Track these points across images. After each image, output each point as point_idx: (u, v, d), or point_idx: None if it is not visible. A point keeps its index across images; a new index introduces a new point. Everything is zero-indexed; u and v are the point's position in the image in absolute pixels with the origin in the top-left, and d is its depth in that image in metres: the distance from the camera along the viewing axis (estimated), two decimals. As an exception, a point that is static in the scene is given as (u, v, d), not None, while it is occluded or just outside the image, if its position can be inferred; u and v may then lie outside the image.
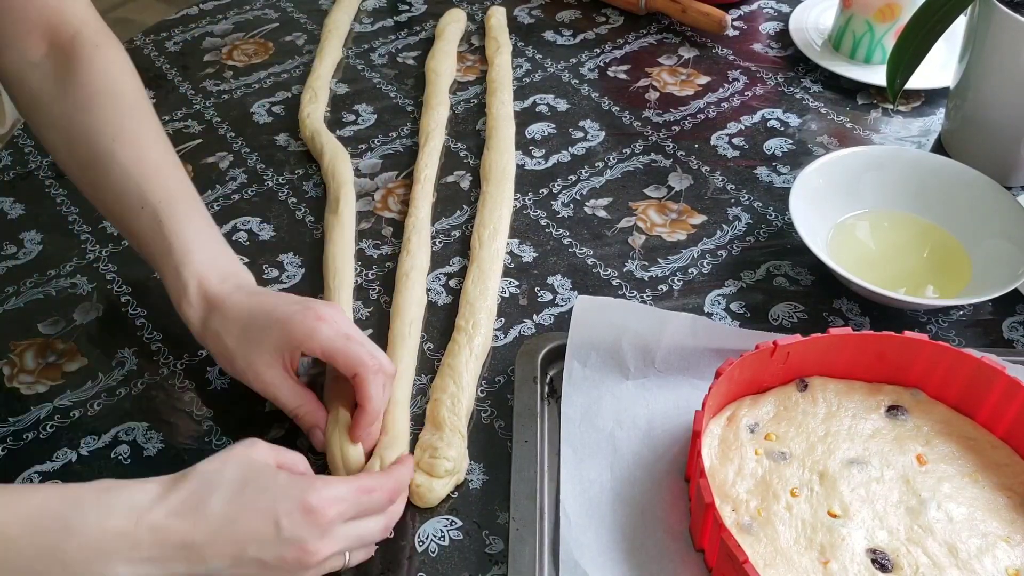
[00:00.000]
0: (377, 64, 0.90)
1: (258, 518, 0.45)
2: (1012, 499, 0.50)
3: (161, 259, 0.57)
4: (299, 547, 0.45)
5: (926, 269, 0.66)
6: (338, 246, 0.68)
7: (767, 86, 0.86)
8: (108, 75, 0.60)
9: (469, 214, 0.73)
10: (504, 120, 0.80)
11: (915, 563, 0.47)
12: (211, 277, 0.56)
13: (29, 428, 0.58)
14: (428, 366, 0.61)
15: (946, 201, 0.68)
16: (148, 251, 0.58)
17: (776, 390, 0.55)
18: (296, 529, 0.45)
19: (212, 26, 0.96)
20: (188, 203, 0.59)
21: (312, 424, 0.55)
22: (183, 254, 0.56)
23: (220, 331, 0.55)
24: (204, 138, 0.81)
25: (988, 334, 0.63)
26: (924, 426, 0.54)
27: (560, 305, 0.65)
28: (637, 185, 0.75)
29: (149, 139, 0.60)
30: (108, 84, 0.60)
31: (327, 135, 0.79)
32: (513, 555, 0.49)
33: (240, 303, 0.55)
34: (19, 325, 0.65)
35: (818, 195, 0.67)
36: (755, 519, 0.49)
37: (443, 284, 0.67)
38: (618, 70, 0.88)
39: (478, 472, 0.55)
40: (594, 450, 0.54)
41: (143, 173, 0.58)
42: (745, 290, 0.66)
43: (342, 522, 0.47)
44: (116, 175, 0.58)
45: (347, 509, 0.47)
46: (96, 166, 0.58)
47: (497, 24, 0.93)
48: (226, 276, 0.57)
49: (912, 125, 0.81)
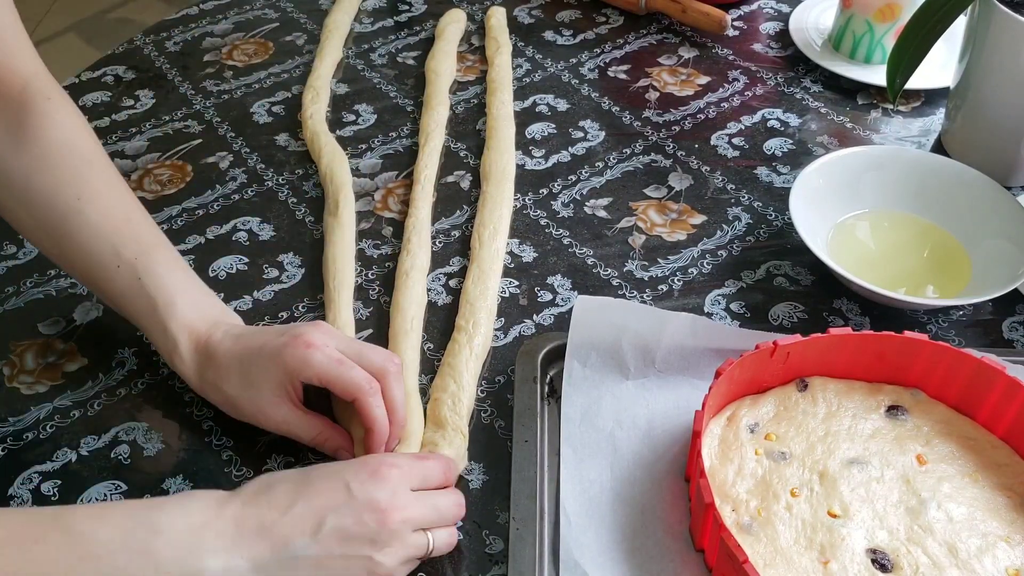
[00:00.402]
0: (377, 64, 0.90)
1: (327, 487, 0.46)
2: (1012, 499, 0.50)
3: (146, 317, 0.56)
4: (374, 506, 0.46)
5: (926, 269, 0.66)
6: (338, 247, 0.68)
7: (767, 86, 0.86)
8: (65, 128, 0.58)
9: (469, 214, 0.73)
10: (504, 120, 0.80)
11: (915, 563, 0.47)
12: (200, 327, 0.55)
13: (29, 428, 0.58)
14: (428, 366, 0.61)
15: (946, 201, 0.68)
16: (130, 309, 0.57)
17: (776, 390, 0.55)
18: (366, 489, 0.46)
19: (212, 26, 0.96)
20: (164, 253, 0.58)
21: (336, 448, 0.55)
22: (167, 308, 0.55)
23: (217, 382, 0.54)
24: (204, 138, 0.81)
25: (988, 334, 0.63)
26: (924, 426, 0.54)
27: (560, 305, 0.65)
28: (637, 185, 0.75)
29: (115, 193, 0.59)
30: (66, 137, 0.58)
31: (327, 136, 0.79)
32: (513, 555, 0.49)
33: (231, 350, 0.54)
34: (19, 325, 0.65)
35: (818, 195, 0.67)
36: (755, 519, 0.49)
37: (443, 284, 0.67)
38: (618, 70, 0.88)
39: (478, 472, 0.55)
40: (594, 450, 0.54)
41: (114, 229, 0.57)
42: (745, 290, 0.66)
43: (409, 487, 0.48)
44: (85, 234, 0.56)
45: (408, 471, 0.48)
46: (62, 226, 0.56)
47: (497, 24, 0.93)
48: (214, 323, 0.56)
49: (912, 125, 0.81)
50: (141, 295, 0.56)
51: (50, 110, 0.58)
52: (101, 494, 0.54)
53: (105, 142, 0.81)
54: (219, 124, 0.83)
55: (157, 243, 0.58)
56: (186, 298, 0.56)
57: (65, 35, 2.38)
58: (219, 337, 0.55)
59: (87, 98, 0.86)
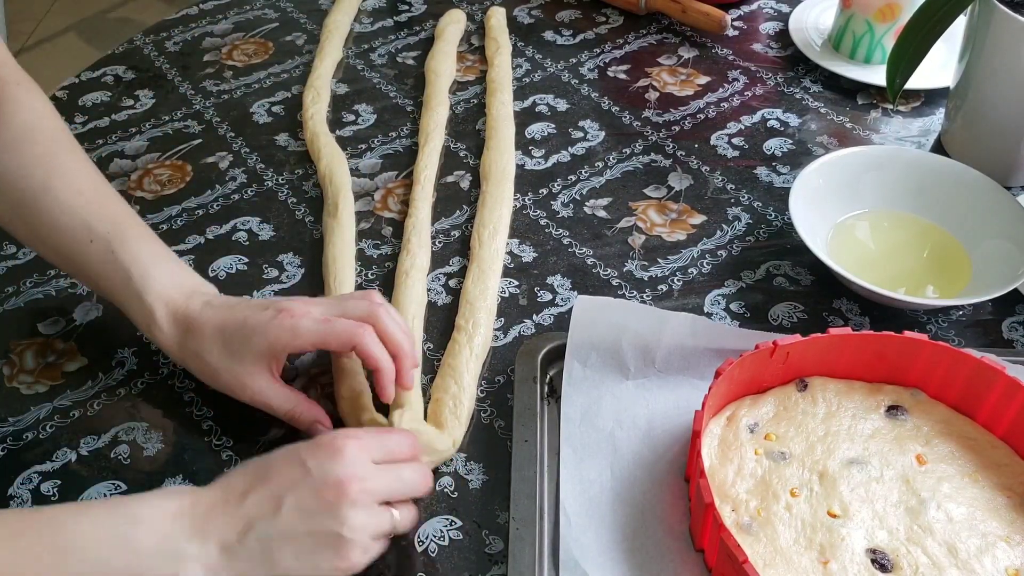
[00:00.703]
0: (377, 64, 0.90)
1: (285, 467, 0.47)
2: (1012, 499, 0.50)
3: (120, 289, 0.56)
4: (331, 481, 0.46)
5: (926, 269, 0.66)
6: (338, 248, 0.68)
7: (767, 86, 0.86)
8: (34, 111, 0.59)
9: (469, 214, 0.73)
10: (504, 120, 0.80)
11: (915, 563, 0.47)
12: (177, 297, 0.56)
13: (29, 428, 0.58)
14: (428, 366, 0.61)
15: (946, 201, 0.68)
16: (104, 284, 0.57)
17: (776, 390, 0.55)
18: (323, 465, 0.46)
19: (212, 26, 0.96)
20: (136, 227, 0.58)
21: (310, 420, 0.55)
22: (143, 279, 0.56)
23: (199, 350, 0.55)
24: (204, 138, 0.81)
25: (988, 334, 0.63)
26: (924, 426, 0.54)
27: (560, 305, 0.65)
28: (637, 185, 0.75)
29: (84, 171, 0.59)
30: (35, 120, 0.59)
31: (327, 137, 0.79)
32: (513, 555, 0.49)
33: (212, 319, 0.55)
34: (19, 325, 0.65)
35: (818, 195, 0.67)
36: (755, 519, 0.49)
37: (443, 284, 0.67)
38: (618, 70, 0.88)
39: (478, 472, 0.55)
40: (594, 450, 0.54)
41: (85, 205, 0.57)
42: (745, 290, 0.66)
43: (370, 459, 0.48)
44: (56, 212, 0.57)
45: (368, 443, 0.48)
46: (33, 205, 0.57)
47: (497, 24, 0.93)
48: (191, 293, 0.56)
49: (912, 125, 0.81)
50: (116, 268, 0.56)
51: (19, 95, 0.59)
52: (101, 494, 0.54)
53: (105, 142, 0.81)
54: (219, 124, 0.83)
55: (128, 217, 0.59)
56: (161, 268, 0.57)
57: (65, 35, 2.38)
58: (198, 307, 0.55)
59: (87, 98, 0.86)
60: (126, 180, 0.77)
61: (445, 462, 0.56)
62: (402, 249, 0.68)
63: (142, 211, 0.73)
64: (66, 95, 0.87)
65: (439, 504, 0.54)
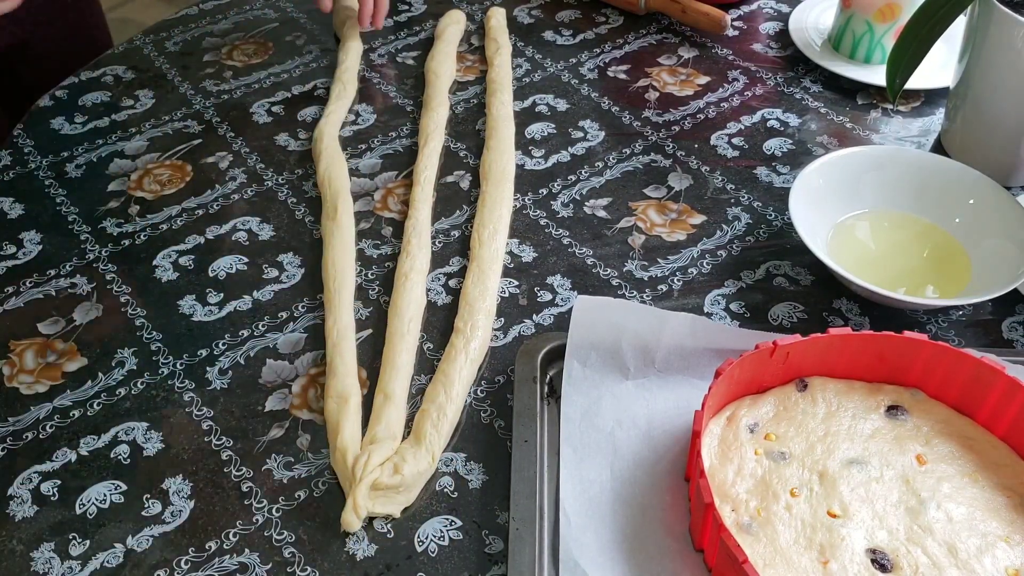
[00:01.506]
0: (377, 64, 0.90)
1: None
2: (1012, 499, 0.50)
3: None
4: None
5: (926, 269, 0.66)
6: (338, 250, 0.68)
7: (767, 86, 0.86)
8: None
9: (469, 214, 0.73)
10: (504, 120, 0.80)
11: (915, 563, 0.47)
12: None
13: (29, 428, 0.58)
14: (428, 366, 0.61)
15: (946, 201, 0.68)
16: None
17: (776, 390, 0.55)
18: None
19: (212, 26, 0.96)
20: None
21: None
22: None
23: None
24: (204, 138, 0.81)
25: (988, 334, 0.63)
26: (924, 426, 0.54)
27: (560, 305, 0.65)
28: (637, 185, 0.75)
29: None
30: None
31: (330, 139, 0.78)
32: (513, 555, 0.49)
33: None
34: (19, 325, 0.65)
35: (818, 195, 0.67)
36: (755, 519, 0.49)
37: (443, 284, 0.67)
38: (618, 70, 0.88)
39: (478, 472, 0.55)
40: (594, 450, 0.54)
41: None
42: (745, 290, 0.66)
43: None
44: None
45: None
46: None
47: (497, 24, 0.93)
48: None
49: (912, 125, 0.81)
50: None
51: None
52: (101, 494, 0.54)
53: (105, 142, 0.81)
54: (219, 124, 0.83)
55: None
56: None
57: (65, 35, 2.38)
58: None
59: (87, 98, 0.86)
60: (126, 180, 0.77)
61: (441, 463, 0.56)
62: (402, 251, 0.68)
63: (142, 211, 0.74)
64: (66, 95, 0.87)
65: (439, 504, 0.54)
